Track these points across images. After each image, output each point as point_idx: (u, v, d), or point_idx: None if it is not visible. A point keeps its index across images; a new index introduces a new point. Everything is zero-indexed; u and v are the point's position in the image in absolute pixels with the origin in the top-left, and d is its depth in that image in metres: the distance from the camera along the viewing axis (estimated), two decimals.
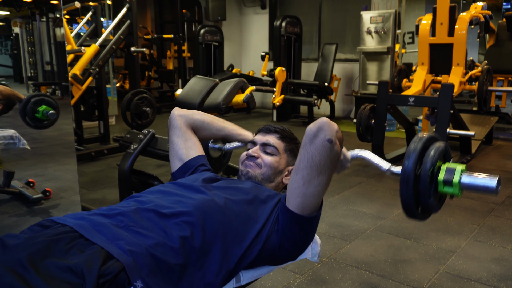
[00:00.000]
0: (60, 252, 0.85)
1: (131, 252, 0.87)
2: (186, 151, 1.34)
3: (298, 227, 1.06)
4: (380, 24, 6.26)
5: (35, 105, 2.49)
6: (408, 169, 1.08)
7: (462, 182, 1.08)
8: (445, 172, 1.09)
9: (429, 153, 1.11)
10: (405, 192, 1.09)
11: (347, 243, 2.49)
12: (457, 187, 1.08)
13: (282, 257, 1.10)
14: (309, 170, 1.00)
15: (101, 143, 4.85)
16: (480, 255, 2.36)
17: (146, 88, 8.31)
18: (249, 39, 8.75)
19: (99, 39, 4.26)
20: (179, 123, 1.36)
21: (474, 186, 1.08)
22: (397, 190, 1.11)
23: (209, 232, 0.99)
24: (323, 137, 0.98)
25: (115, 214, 0.98)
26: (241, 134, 1.46)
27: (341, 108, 7.44)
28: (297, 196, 1.03)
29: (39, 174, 3.52)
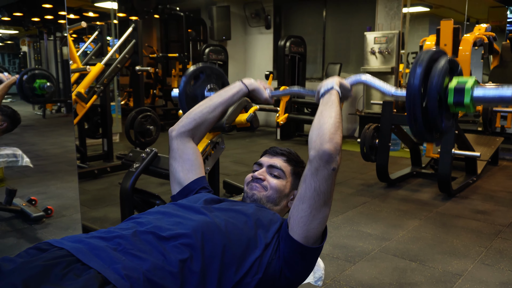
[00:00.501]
0: (56, 277, 0.82)
1: (128, 277, 0.85)
2: (184, 174, 1.31)
3: (301, 256, 1.04)
4: (384, 45, 6.30)
5: (29, 83, 2.47)
6: (414, 88, 0.99)
7: (475, 95, 0.99)
8: (455, 86, 1.00)
9: (437, 67, 1.01)
10: (413, 114, 1.01)
11: (351, 265, 2.44)
12: (469, 101, 0.99)
13: (283, 285, 1.07)
14: (316, 198, 1.02)
15: (105, 161, 4.85)
16: (487, 278, 2.31)
17: (151, 106, 8.35)
18: (254, 58, 8.82)
19: (104, 58, 4.30)
20: (175, 145, 1.33)
21: (488, 98, 0.98)
22: (402, 211, 1.08)
23: (208, 254, 0.96)
24: (329, 168, 1.01)
25: (113, 237, 0.96)
26: (235, 93, 1.38)
27: (345, 127, 7.43)
28: (303, 225, 1.02)
29: (42, 191, 3.50)
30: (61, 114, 5.30)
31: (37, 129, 4.85)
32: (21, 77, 2.46)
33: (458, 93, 1.00)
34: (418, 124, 1.03)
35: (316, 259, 1.09)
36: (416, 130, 1.05)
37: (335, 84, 1.17)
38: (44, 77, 2.51)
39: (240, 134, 7.20)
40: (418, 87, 1.00)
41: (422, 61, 1.02)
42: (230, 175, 4.37)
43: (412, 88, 1.00)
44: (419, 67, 1.01)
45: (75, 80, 4.48)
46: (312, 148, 1.02)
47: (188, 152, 1.33)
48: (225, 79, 1.65)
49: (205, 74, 1.59)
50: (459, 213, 3.36)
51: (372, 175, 4.37)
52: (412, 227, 3.05)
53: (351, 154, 5.70)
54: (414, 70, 1.01)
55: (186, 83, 1.55)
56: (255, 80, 1.42)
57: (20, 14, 4.17)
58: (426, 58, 1.02)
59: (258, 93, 1.41)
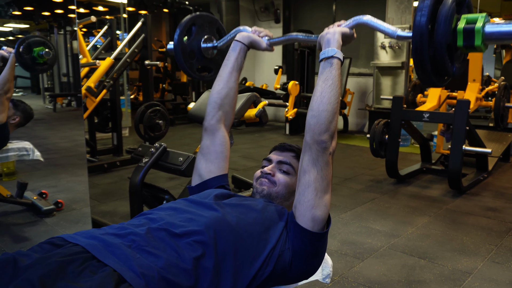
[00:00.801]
0: (73, 274, 0.83)
1: (144, 275, 0.85)
2: (206, 166, 1.31)
3: (310, 243, 1.05)
4: (394, 39, 6.23)
5: (27, 53, 2.43)
6: (421, 26, 0.92)
7: (486, 34, 0.92)
8: (464, 27, 0.92)
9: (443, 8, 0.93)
10: (419, 55, 0.95)
11: (359, 262, 2.43)
12: (480, 43, 0.91)
13: (294, 276, 1.08)
14: (320, 181, 1.06)
15: (114, 155, 4.88)
16: (497, 277, 2.28)
17: (160, 100, 8.38)
18: (263, 53, 8.76)
19: (114, 52, 4.32)
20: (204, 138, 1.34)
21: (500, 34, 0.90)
22: (412, 208, 1.07)
23: (221, 251, 0.97)
24: (327, 154, 1.06)
25: (127, 233, 0.96)
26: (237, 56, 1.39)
27: (354, 122, 7.39)
28: (311, 208, 1.05)
29: (52, 185, 3.53)
30: (71, 108, 5.33)
31: (48, 122, 4.88)
32: (17, 49, 2.41)
33: (467, 35, 0.93)
34: (426, 72, 0.97)
35: (325, 247, 1.10)
36: (424, 78, 0.99)
37: (336, 46, 1.15)
38: (40, 44, 2.47)
39: (249, 129, 7.19)
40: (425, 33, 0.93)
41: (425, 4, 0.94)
42: (239, 170, 4.37)
43: (418, 32, 0.93)
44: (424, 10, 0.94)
45: (85, 74, 4.50)
46: (310, 133, 1.06)
47: (216, 143, 1.33)
48: (219, 25, 1.61)
49: (197, 25, 1.54)
50: (469, 210, 3.33)
51: (381, 171, 4.35)
52: (421, 224, 3.03)
53: (361, 150, 5.67)
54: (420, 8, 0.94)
55: (180, 37, 1.50)
56: (250, 31, 1.43)
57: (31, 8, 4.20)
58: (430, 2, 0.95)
59: (256, 45, 1.41)
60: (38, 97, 4.53)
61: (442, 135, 4.26)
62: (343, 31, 1.19)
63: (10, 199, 2.88)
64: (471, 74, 4.28)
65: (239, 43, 1.39)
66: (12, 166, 3.44)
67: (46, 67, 2.54)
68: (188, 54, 1.54)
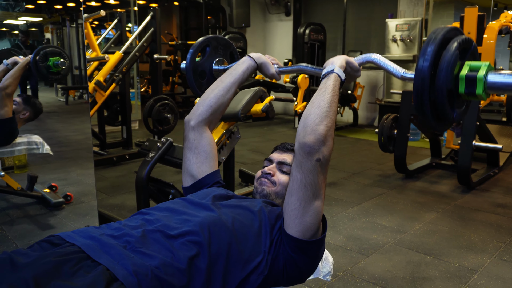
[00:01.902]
0: (67, 274, 0.84)
1: (136, 273, 0.86)
2: (198, 167, 1.31)
3: (300, 252, 1.03)
4: (406, 32, 6.16)
5: (43, 61, 2.50)
6: (423, 71, 0.92)
7: (489, 84, 0.91)
8: (466, 74, 0.92)
9: (449, 49, 0.93)
10: (420, 99, 0.95)
11: (364, 257, 2.43)
12: (481, 91, 0.91)
13: (288, 282, 1.08)
14: (303, 190, 1.01)
15: (124, 148, 4.93)
16: (504, 275, 2.27)
17: (170, 94, 8.41)
18: (273, 46, 8.75)
19: (123, 46, 4.34)
20: (192, 135, 1.32)
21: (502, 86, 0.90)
22: (419, 203, 1.04)
23: (214, 251, 0.97)
24: (311, 160, 1.00)
25: (123, 235, 0.97)
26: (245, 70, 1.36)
27: (364, 116, 7.34)
28: (295, 218, 1.02)
29: (62, 178, 3.59)
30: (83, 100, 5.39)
31: (59, 115, 4.94)
32: (34, 58, 2.48)
33: (469, 82, 0.94)
34: (427, 116, 0.98)
35: (319, 253, 1.07)
36: (424, 122, 1.00)
37: (338, 65, 1.14)
38: (56, 54, 2.53)
39: (258, 123, 7.18)
40: (427, 78, 0.93)
41: (433, 41, 0.95)
42: (247, 164, 4.38)
43: (420, 76, 0.94)
44: (431, 46, 0.94)
45: (94, 68, 4.54)
46: (296, 140, 1.03)
47: (204, 144, 1.32)
48: (233, 48, 1.61)
49: (211, 46, 1.55)
50: (478, 206, 3.30)
51: (390, 166, 4.32)
52: (428, 220, 3.01)
53: (370, 144, 5.64)
54: (422, 53, 0.95)
55: (192, 58, 1.51)
56: (264, 55, 1.41)
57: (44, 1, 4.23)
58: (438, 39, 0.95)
59: (265, 68, 1.39)
60: (51, 90, 4.58)
61: (452, 130, 4.21)
62: (349, 59, 1.19)
63: (21, 192, 2.93)
64: None
65: (251, 59, 1.38)
66: (24, 159, 3.49)
67: (59, 77, 2.61)
68: (199, 73, 1.55)
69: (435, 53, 0.94)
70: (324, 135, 1.00)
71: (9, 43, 3.79)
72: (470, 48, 0.99)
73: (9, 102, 2.54)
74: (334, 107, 1.05)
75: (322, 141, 1.00)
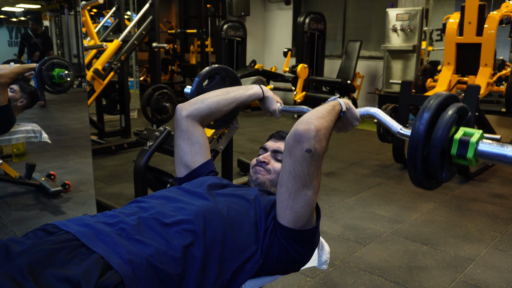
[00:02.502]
0: (62, 262, 0.84)
1: (131, 262, 0.86)
2: (192, 157, 1.30)
3: (293, 241, 1.03)
4: (407, 22, 6.12)
5: (48, 71, 2.50)
6: (419, 132, 0.98)
7: (479, 152, 0.97)
8: (460, 137, 0.98)
9: (445, 115, 0.99)
10: (413, 159, 0.99)
11: (361, 247, 2.45)
12: (472, 156, 0.97)
13: (283, 270, 1.08)
14: (292, 181, 0.98)
15: (122, 137, 4.92)
16: (500, 264, 2.28)
17: (169, 83, 8.38)
18: (273, 35, 8.70)
19: (122, 34, 4.31)
20: (185, 125, 1.31)
21: (492, 156, 0.95)
22: (417, 193, 1.06)
23: (209, 239, 0.97)
24: (300, 149, 0.96)
25: (117, 222, 0.97)
26: (251, 95, 1.38)
27: (363, 106, 7.28)
28: (285, 209, 1.00)
29: (61, 166, 3.59)
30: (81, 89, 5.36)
31: (58, 104, 4.92)
32: (40, 66, 2.50)
33: (462, 145, 0.99)
34: (417, 171, 1.01)
35: (312, 242, 1.07)
36: (415, 176, 1.03)
37: (343, 101, 1.15)
38: (63, 66, 2.55)
39: (256, 112, 7.18)
40: (423, 134, 0.99)
41: (430, 107, 1.01)
42: (246, 153, 4.38)
43: (416, 134, 0.99)
44: (427, 113, 1.00)
45: (93, 56, 4.51)
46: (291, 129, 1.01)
47: (197, 135, 1.32)
48: (240, 83, 1.62)
49: (220, 75, 1.55)
50: (476, 197, 3.31)
51: (388, 156, 4.33)
52: (426, 210, 3.02)
53: (368, 134, 5.64)
54: (421, 115, 1.01)
55: (199, 83, 1.51)
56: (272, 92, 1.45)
57: None
58: (435, 104, 1.02)
59: (268, 102, 1.42)
60: None
61: None
62: (352, 105, 1.18)
63: (19, 180, 2.93)
64: (483, 58, 4.19)
65: (260, 89, 1.40)
66: (22, 147, 3.49)
67: (61, 89, 2.61)
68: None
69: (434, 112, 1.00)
70: (317, 129, 0.97)
71: (7, 30, 3.75)
72: (466, 116, 1.05)
73: (4, 90, 2.53)
74: (331, 118, 1.04)
75: (314, 133, 0.96)
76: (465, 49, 4.29)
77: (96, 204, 2.58)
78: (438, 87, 4.30)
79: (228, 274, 0.97)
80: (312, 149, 0.96)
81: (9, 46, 3.75)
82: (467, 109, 1.05)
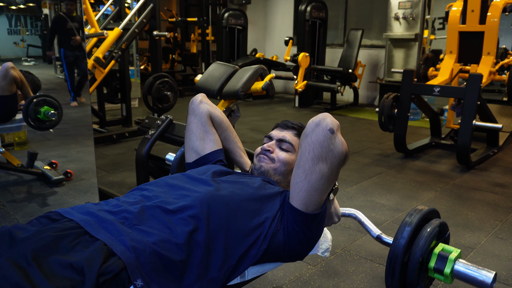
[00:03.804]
0: (65, 249, 0.85)
1: (134, 249, 0.87)
2: (202, 144, 1.32)
3: (303, 225, 1.04)
4: (409, 10, 6.08)
5: (37, 106, 2.50)
6: (399, 246, 1.04)
7: (456, 270, 1.03)
8: (439, 252, 1.05)
9: (428, 227, 1.06)
10: (392, 269, 1.05)
11: (362, 235, 2.46)
12: (449, 272, 1.03)
13: (288, 257, 1.09)
14: (310, 162, 0.98)
15: (123, 126, 4.92)
16: (500, 252, 2.30)
17: (170, 71, 8.35)
18: (274, 24, 8.64)
19: (122, 22, 4.28)
20: (202, 111, 1.34)
21: (468, 277, 1.02)
22: (418, 182, 1.08)
23: (213, 226, 0.98)
24: (324, 126, 0.97)
25: (121, 211, 0.98)
26: (243, 163, 1.43)
27: (365, 95, 7.31)
28: (299, 190, 1.01)
29: (62, 155, 3.59)
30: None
31: (59, 92, 4.90)
32: (31, 99, 2.49)
33: (440, 259, 1.04)
34: (395, 279, 1.06)
35: (320, 228, 1.08)
36: (391, 282, 1.08)
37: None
38: (52, 105, 2.55)
39: (258, 102, 7.16)
40: (403, 248, 1.04)
41: (412, 221, 1.06)
42: (247, 143, 4.38)
43: (397, 247, 1.05)
44: (409, 227, 1.06)
45: (93, 44, 4.49)
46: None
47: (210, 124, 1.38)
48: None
49: None
50: (477, 186, 3.32)
51: (389, 145, 4.33)
52: (426, 199, 3.03)
53: (370, 123, 5.63)
54: (402, 229, 1.06)
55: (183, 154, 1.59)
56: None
57: None
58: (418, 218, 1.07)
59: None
60: (50, 66, 4.54)
61: (453, 110, 4.21)
62: (336, 203, 1.25)
63: (21, 169, 2.94)
64: (485, 47, 4.17)
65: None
66: (24, 136, 3.49)
67: (43, 126, 2.60)
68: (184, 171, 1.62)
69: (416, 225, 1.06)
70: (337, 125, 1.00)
71: (6, 18, 3.73)
72: (445, 234, 1.12)
73: (12, 80, 2.54)
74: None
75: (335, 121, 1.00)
76: (467, 37, 4.26)
77: (99, 192, 2.59)
78: (440, 76, 4.28)
79: (233, 260, 0.98)
80: (335, 130, 0.97)
81: (8, 34, 3.73)
82: (446, 226, 1.12)
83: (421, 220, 1.08)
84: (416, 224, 1.06)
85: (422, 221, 1.08)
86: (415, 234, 1.06)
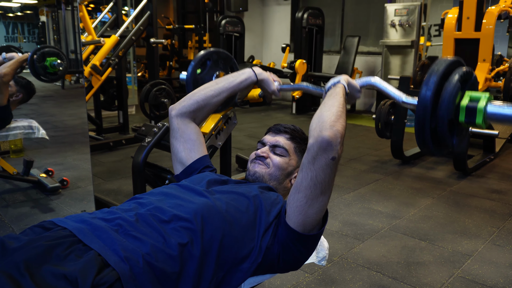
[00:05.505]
0: (58, 258, 0.84)
1: (128, 259, 0.86)
2: (186, 154, 1.30)
3: (299, 244, 1.03)
4: (405, 17, 6.11)
5: (40, 61, 2.50)
6: (426, 99, 0.96)
7: (488, 114, 0.95)
8: (467, 105, 0.96)
9: (451, 80, 0.97)
10: (422, 126, 0.98)
11: (359, 243, 2.45)
12: (481, 121, 0.95)
13: (283, 269, 1.08)
14: (313, 188, 0.98)
15: (120, 133, 4.91)
16: (497, 259, 2.29)
17: (167, 78, 8.34)
18: (271, 31, 8.67)
19: (119, 29, 4.29)
20: (175, 124, 1.31)
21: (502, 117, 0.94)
22: (415, 189, 1.05)
23: (207, 239, 0.97)
24: (326, 157, 0.95)
25: (115, 218, 0.97)
26: (243, 80, 1.35)
27: (362, 101, 7.32)
28: (299, 214, 1.00)
29: (59, 162, 3.58)
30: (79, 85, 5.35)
31: (55, 99, 4.91)
32: (31, 56, 2.48)
33: (469, 112, 0.97)
34: (426, 139, 1.00)
35: (314, 245, 1.08)
36: (424, 145, 1.02)
37: (343, 79, 1.16)
38: (54, 54, 2.53)
39: (255, 108, 7.16)
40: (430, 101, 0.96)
41: (436, 72, 0.98)
42: (244, 150, 4.38)
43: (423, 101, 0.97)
44: (433, 77, 0.98)
45: (90, 52, 4.49)
46: (311, 136, 0.98)
47: (189, 132, 1.31)
48: (233, 62, 1.61)
49: (211, 60, 1.55)
50: (474, 192, 3.32)
51: (386, 152, 4.33)
52: (424, 206, 3.03)
53: (367, 130, 5.64)
54: (426, 82, 0.98)
55: (193, 70, 1.52)
56: (266, 71, 1.41)
57: None
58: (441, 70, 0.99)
59: (266, 84, 1.39)
60: None
61: None
62: (351, 79, 1.19)
63: (17, 177, 2.93)
64: (481, 54, 4.19)
65: (253, 72, 1.36)
66: (20, 143, 3.48)
67: (56, 77, 2.60)
68: (199, 86, 1.55)
69: (437, 83, 0.97)
70: (341, 133, 0.96)
71: (3, 26, 3.73)
72: (470, 79, 1.02)
73: (5, 90, 2.53)
74: (345, 112, 1.03)
75: (339, 139, 0.95)
76: (463, 44, 4.29)
77: (95, 200, 2.58)
78: None
79: (223, 271, 0.97)
80: (337, 156, 0.96)
81: (6, 41, 3.73)
82: (471, 72, 1.02)
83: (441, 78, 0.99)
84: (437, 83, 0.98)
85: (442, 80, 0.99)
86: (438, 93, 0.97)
